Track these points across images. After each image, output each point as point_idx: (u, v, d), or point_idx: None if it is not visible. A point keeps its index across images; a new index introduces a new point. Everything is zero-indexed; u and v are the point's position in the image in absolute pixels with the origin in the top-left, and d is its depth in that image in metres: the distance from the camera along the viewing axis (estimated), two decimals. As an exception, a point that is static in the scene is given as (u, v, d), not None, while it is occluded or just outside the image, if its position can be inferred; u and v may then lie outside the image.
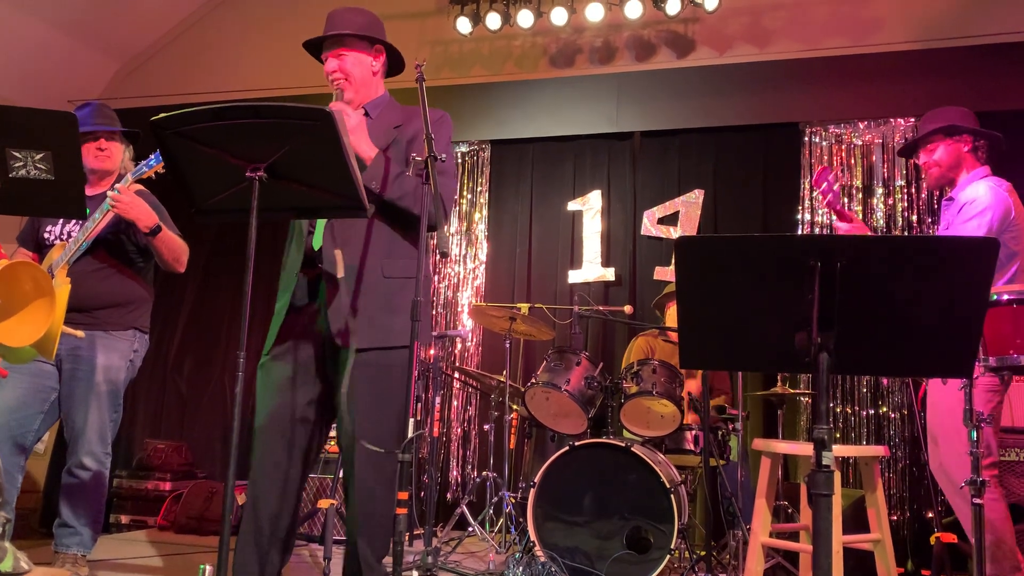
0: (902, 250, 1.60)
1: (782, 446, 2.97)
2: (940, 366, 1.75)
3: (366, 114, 2.59)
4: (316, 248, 2.45)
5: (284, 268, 2.55)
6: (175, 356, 5.96)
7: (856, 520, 3.46)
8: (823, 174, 2.61)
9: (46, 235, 3.27)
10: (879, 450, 2.87)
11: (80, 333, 3.03)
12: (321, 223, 2.47)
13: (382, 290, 2.43)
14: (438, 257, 2.71)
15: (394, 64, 2.71)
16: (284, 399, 2.42)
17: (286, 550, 2.44)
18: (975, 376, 2.06)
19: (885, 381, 4.76)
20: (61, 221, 3.27)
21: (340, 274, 2.38)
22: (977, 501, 2.13)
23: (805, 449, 2.81)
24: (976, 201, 2.74)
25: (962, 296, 1.58)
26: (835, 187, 2.60)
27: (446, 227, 5.93)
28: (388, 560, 2.30)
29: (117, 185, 3.03)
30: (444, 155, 2.35)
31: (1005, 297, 1.99)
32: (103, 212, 3.06)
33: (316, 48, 2.65)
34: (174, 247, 3.22)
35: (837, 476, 2.59)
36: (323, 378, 2.48)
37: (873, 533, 2.87)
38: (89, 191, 3.24)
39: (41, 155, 2.23)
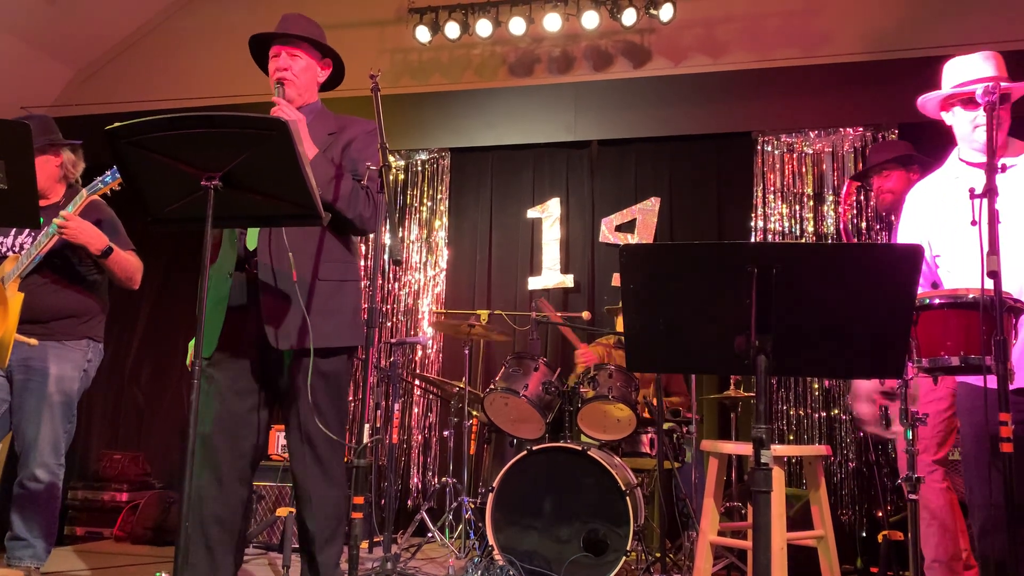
0: (832, 257, 1.68)
1: (728, 447, 3.05)
2: (873, 367, 1.83)
3: None
4: (251, 248, 2.45)
5: (214, 267, 2.50)
6: (132, 366, 5.90)
7: (806, 519, 3.56)
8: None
9: (-2, 247, 3.23)
10: (821, 449, 2.96)
11: (33, 341, 3.01)
12: None
13: (316, 293, 2.43)
14: (389, 265, 2.73)
15: (334, 78, 2.73)
16: (226, 405, 2.42)
17: (238, 555, 2.44)
18: (909, 377, 2.15)
19: (827, 383, 4.89)
20: (13, 232, 3.24)
21: (294, 279, 2.38)
22: (912, 497, 2.21)
23: (750, 449, 2.89)
24: None
25: (889, 300, 1.66)
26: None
27: (402, 234, 5.91)
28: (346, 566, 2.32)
29: (63, 211, 3.00)
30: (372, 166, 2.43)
31: (936, 301, 2.09)
32: (49, 236, 3.02)
33: (260, 45, 2.64)
34: (126, 267, 3.20)
35: (779, 473, 2.66)
36: (262, 382, 2.48)
37: (817, 530, 2.96)
38: (41, 202, 3.21)
39: (-7, 165, 2.22)
